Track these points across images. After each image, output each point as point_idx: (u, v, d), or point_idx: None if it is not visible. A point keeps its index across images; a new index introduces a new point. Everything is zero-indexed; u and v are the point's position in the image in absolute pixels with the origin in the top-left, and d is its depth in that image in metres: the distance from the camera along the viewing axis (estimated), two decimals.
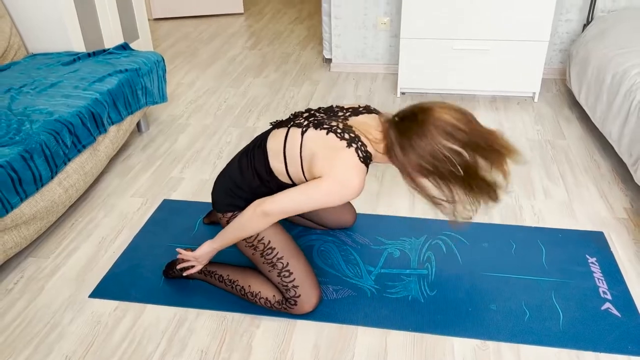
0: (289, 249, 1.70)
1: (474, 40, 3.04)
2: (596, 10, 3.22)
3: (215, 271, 1.81)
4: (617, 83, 2.40)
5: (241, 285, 1.75)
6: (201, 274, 1.84)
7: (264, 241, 1.68)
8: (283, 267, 1.67)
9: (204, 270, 1.83)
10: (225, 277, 1.79)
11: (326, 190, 1.48)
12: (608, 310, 1.72)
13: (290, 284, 1.67)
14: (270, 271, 1.69)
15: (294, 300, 1.67)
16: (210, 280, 1.83)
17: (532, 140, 2.76)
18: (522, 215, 2.19)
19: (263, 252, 1.69)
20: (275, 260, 1.68)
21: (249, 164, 1.67)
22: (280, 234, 1.70)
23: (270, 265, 1.69)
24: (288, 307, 1.68)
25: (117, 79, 2.47)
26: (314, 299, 1.69)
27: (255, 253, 1.71)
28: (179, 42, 4.37)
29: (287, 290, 1.67)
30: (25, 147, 1.88)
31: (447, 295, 1.79)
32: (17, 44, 2.78)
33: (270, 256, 1.68)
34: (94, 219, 2.23)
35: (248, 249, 1.72)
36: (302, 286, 1.67)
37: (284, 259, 1.68)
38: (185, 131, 2.93)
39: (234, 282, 1.77)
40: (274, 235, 1.69)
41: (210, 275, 1.82)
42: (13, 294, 1.85)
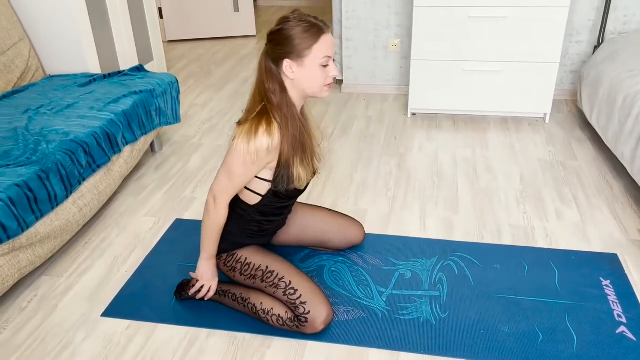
0: (287, 268, 1.74)
1: (484, 62, 3.06)
2: (607, 32, 3.23)
3: (228, 290, 1.83)
4: (629, 105, 2.40)
5: (253, 303, 1.75)
6: (215, 294, 1.85)
7: (262, 268, 1.74)
8: (287, 286, 1.69)
9: (217, 290, 1.84)
10: (238, 295, 1.79)
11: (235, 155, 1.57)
12: (623, 333, 1.70)
13: (298, 300, 1.67)
14: (276, 292, 1.71)
15: (305, 317, 1.67)
16: (223, 300, 1.84)
17: (543, 161, 2.75)
18: (534, 236, 2.18)
19: (263, 278, 1.73)
20: (277, 281, 1.71)
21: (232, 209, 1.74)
22: (276, 259, 1.77)
23: (274, 287, 1.71)
24: (300, 325, 1.68)
25: (131, 100, 2.51)
26: (323, 314, 1.68)
27: (256, 281, 1.75)
28: (193, 64, 4.44)
29: (296, 308, 1.67)
30: (41, 167, 1.91)
31: (459, 317, 1.78)
32: (35, 65, 2.84)
33: (271, 279, 1.72)
34: (107, 237, 2.25)
35: (249, 280, 1.77)
36: (310, 302, 1.67)
37: (285, 278, 1.70)
38: (198, 151, 2.96)
39: (246, 300, 1.77)
40: (270, 260, 1.76)
41: (224, 294, 1.83)
42: (27, 312, 1.87)
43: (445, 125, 3.19)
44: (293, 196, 1.77)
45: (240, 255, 1.79)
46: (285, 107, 1.58)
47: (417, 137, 3.05)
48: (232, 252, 1.80)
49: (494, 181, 2.59)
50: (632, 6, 3.16)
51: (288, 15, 1.57)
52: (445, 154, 2.85)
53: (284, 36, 1.53)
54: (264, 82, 1.58)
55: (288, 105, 1.58)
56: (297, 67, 1.55)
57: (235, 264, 1.79)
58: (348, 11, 3.49)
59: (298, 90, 1.60)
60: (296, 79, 1.57)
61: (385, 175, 2.65)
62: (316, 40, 1.53)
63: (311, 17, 1.55)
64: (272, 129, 1.55)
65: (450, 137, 3.03)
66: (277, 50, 1.55)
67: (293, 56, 1.53)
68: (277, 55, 1.56)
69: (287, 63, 1.55)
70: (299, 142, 1.61)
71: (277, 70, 1.58)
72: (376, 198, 2.46)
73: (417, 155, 2.85)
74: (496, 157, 2.80)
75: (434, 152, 2.88)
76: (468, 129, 3.14)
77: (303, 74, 1.56)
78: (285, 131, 1.58)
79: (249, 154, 1.55)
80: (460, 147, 2.92)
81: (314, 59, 1.54)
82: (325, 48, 1.54)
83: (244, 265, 1.77)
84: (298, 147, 1.62)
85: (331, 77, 1.59)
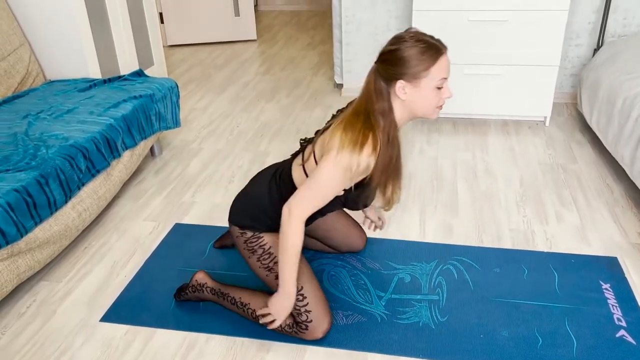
0: (304, 273, 1.70)
1: (484, 65, 3.06)
2: (606, 35, 3.23)
3: (228, 293, 1.81)
4: (628, 107, 2.40)
5: (253, 309, 1.74)
6: (214, 295, 1.84)
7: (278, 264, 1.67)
8: (297, 291, 1.66)
9: (217, 292, 1.83)
10: (237, 299, 1.78)
11: (326, 174, 1.50)
12: (623, 337, 1.69)
13: (303, 308, 1.66)
14: None
15: (305, 325, 1.66)
16: (222, 302, 1.83)
17: (543, 164, 2.75)
18: (534, 240, 2.17)
19: (278, 275, 1.68)
20: None
21: (280, 196, 1.67)
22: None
23: None
24: (299, 331, 1.68)
25: (131, 104, 2.51)
26: (325, 325, 1.68)
27: (270, 274, 1.71)
28: (193, 68, 4.45)
29: (299, 315, 1.67)
30: (40, 172, 1.91)
31: (459, 321, 1.78)
32: (36, 71, 2.85)
33: None
34: (107, 242, 2.25)
35: (262, 270, 1.72)
36: (314, 311, 1.66)
37: (298, 283, 1.67)
38: (197, 156, 2.96)
39: (245, 305, 1.76)
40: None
41: (223, 297, 1.82)
42: (26, 318, 1.87)
43: (445, 128, 3.19)
44: (354, 209, 1.76)
45: (266, 242, 1.72)
46: (392, 129, 1.52)
47: (417, 141, 3.04)
48: (259, 234, 1.72)
49: (493, 184, 2.58)
50: (632, 9, 3.16)
51: (403, 35, 1.50)
52: (445, 157, 2.85)
53: (400, 57, 1.46)
54: (373, 102, 1.51)
55: (392, 127, 1.52)
56: (411, 89, 1.49)
57: (257, 247, 1.72)
58: (348, 15, 3.50)
59: (408, 111, 1.54)
60: (408, 100, 1.51)
61: None
62: (434, 62, 1.46)
63: (427, 37, 1.49)
64: (376, 150, 1.49)
65: (450, 141, 3.03)
66: (390, 70, 1.49)
67: (408, 77, 1.47)
68: (390, 75, 1.49)
69: (401, 84, 1.49)
70: (392, 166, 1.55)
71: (387, 90, 1.51)
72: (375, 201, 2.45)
73: (417, 159, 2.84)
74: (496, 160, 2.80)
75: (434, 155, 2.88)
76: (468, 132, 3.13)
77: (416, 96, 1.50)
78: (383, 153, 1.51)
79: (349, 169, 1.47)
80: (460, 150, 2.92)
81: (430, 81, 1.48)
82: (442, 70, 1.47)
83: (265, 253, 1.72)
84: (391, 171, 1.56)
85: (444, 99, 1.53)
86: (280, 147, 3.02)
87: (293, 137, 3.14)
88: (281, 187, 1.70)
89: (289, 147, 3.01)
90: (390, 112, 1.52)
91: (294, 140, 3.09)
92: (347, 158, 1.47)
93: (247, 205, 1.75)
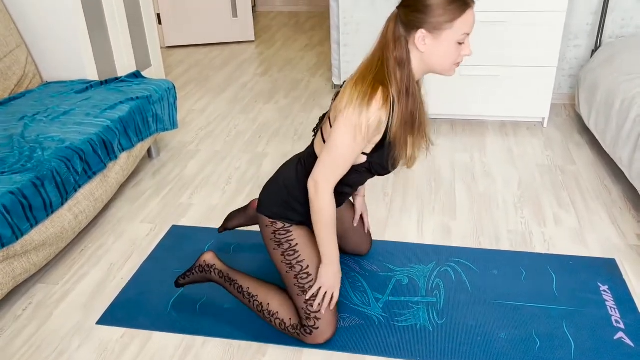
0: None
1: (482, 67, 3.05)
2: (604, 36, 3.23)
3: (237, 280, 1.75)
4: (626, 109, 2.39)
5: (260, 302, 1.70)
6: (221, 278, 1.78)
7: (303, 264, 1.66)
8: (313, 295, 1.65)
9: (225, 276, 1.77)
10: (245, 289, 1.73)
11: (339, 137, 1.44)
12: (621, 339, 1.69)
13: (314, 314, 1.65)
14: (299, 295, 1.66)
15: (311, 330, 1.65)
16: (229, 287, 1.78)
17: (542, 165, 2.75)
18: (532, 241, 2.17)
19: (298, 276, 1.66)
20: (308, 287, 1.65)
21: (305, 172, 1.64)
22: (319, 261, 1.67)
23: (300, 289, 1.65)
24: (302, 333, 1.66)
25: (128, 106, 2.51)
26: (329, 334, 1.67)
27: (289, 272, 1.67)
28: (191, 70, 4.44)
29: (308, 319, 1.65)
30: (36, 174, 1.91)
31: (456, 323, 1.77)
32: (32, 72, 2.84)
33: (303, 281, 1.66)
34: (104, 244, 2.25)
35: (284, 266, 1.68)
36: (323, 319, 1.65)
37: (315, 288, 1.65)
38: (195, 157, 2.96)
39: (252, 296, 1.72)
40: (315, 261, 1.67)
41: (230, 282, 1.76)
42: (22, 320, 1.86)
43: (443, 129, 3.19)
44: (384, 174, 1.62)
45: (294, 237, 1.67)
46: (407, 80, 1.43)
47: None
48: (289, 227, 1.67)
49: (492, 186, 2.58)
50: (630, 10, 3.15)
51: None
52: (443, 159, 2.84)
53: (425, 4, 1.37)
54: (390, 50, 1.42)
55: (410, 78, 1.44)
56: (432, 40, 1.40)
57: (284, 241, 1.67)
58: (346, 17, 3.49)
59: (425, 65, 1.46)
60: (427, 52, 1.42)
61: (382, 180, 2.64)
62: (460, 14, 1.37)
63: None
64: (388, 103, 1.42)
65: (449, 142, 3.03)
66: (412, 17, 1.39)
67: (430, 27, 1.38)
68: (411, 22, 1.40)
69: (422, 34, 1.40)
70: (412, 120, 1.47)
71: (406, 39, 1.42)
72: (373, 203, 2.45)
73: None
74: (494, 162, 2.80)
75: (432, 156, 2.87)
76: (466, 133, 3.13)
77: (436, 49, 1.41)
78: (400, 106, 1.43)
79: (359, 127, 1.40)
80: (458, 151, 2.92)
81: (452, 34, 1.39)
82: (467, 24, 1.39)
83: (290, 250, 1.67)
84: (410, 125, 1.48)
85: (463, 56, 1.45)
86: (278, 149, 3.01)
87: (291, 139, 3.13)
88: (307, 167, 1.64)
89: (287, 149, 3.00)
90: (408, 62, 1.43)
91: (292, 142, 3.09)
92: (356, 115, 1.41)
93: (276, 192, 1.69)
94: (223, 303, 1.88)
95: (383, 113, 1.42)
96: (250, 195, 2.56)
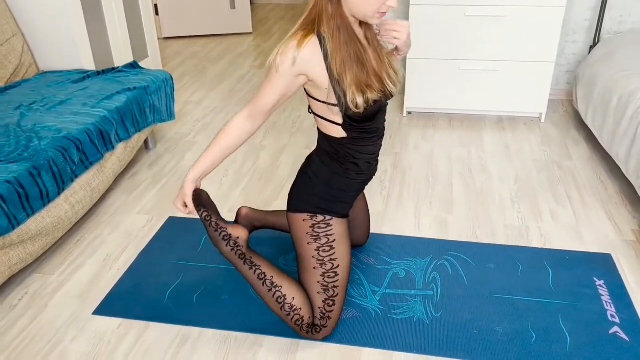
0: (345, 277, 1.67)
1: (480, 61, 3.05)
2: (602, 32, 3.23)
3: (260, 266, 1.66)
4: (623, 105, 2.40)
5: (283, 294, 1.64)
6: (240, 259, 1.66)
7: (335, 262, 1.64)
8: (333, 295, 1.64)
9: (246, 257, 1.66)
10: (269, 277, 1.65)
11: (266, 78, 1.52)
12: (616, 334, 1.70)
13: (328, 313, 1.65)
14: (320, 293, 1.64)
15: (320, 328, 1.65)
16: (246, 271, 1.66)
17: (538, 161, 2.75)
18: (528, 236, 2.17)
19: (326, 273, 1.64)
20: (331, 285, 1.64)
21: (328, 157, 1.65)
22: (348, 261, 1.67)
23: (323, 288, 1.64)
24: (312, 332, 1.66)
25: (125, 96, 2.49)
26: (330, 331, 1.68)
27: (319, 269, 1.64)
28: (188, 61, 4.42)
29: (322, 318, 1.64)
30: (33, 164, 1.89)
31: (453, 316, 1.77)
32: (29, 61, 2.82)
33: (330, 280, 1.64)
34: (100, 235, 2.24)
35: (313, 261, 1.64)
36: (333, 319, 1.66)
37: (338, 288, 1.65)
38: (192, 149, 2.95)
39: (276, 287, 1.64)
40: (345, 260, 1.66)
41: (251, 265, 1.65)
42: (17, 310, 1.85)
43: (441, 124, 3.19)
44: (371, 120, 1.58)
45: (334, 232, 1.63)
46: (339, 19, 1.43)
47: (413, 136, 3.04)
48: (329, 220, 1.63)
49: (488, 181, 2.58)
50: (628, 6, 3.16)
51: None
52: (441, 154, 2.84)
53: None
54: None
55: (342, 17, 1.44)
56: None
57: (323, 236, 1.63)
58: None
59: (349, 9, 1.45)
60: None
61: (380, 174, 2.64)
62: None
63: None
64: (305, 41, 1.43)
65: (446, 137, 3.03)
66: None
67: None
68: None
69: None
70: (358, 60, 1.47)
71: None
72: (371, 196, 2.45)
73: (412, 154, 2.84)
74: (491, 157, 2.80)
75: (430, 151, 2.87)
76: (464, 128, 3.13)
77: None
78: (335, 43, 1.44)
79: (274, 65, 1.46)
80: (455, 146, 2.92)
81: None
82: None
83: (327, 245, 1.63)
84: (356, 65, 1.47)
85: (387, 6, 1.43)
86: (275, 141, 3.01)
87: (288, 131, 3.12)
88: (325, 148, 1.64)
89: (284, 141, 2.99)
90: (338, 3, 1.43)
91: (289, 134, 3.08)
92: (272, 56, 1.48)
93: (311, 186, 1.66)
94: (220, 294, 1.88)
95: (296, 49, 1.44)
96: (248, 188, 2.55)
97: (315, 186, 1.66)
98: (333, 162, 1.64)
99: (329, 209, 1.65)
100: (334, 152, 1.63)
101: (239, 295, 1.88)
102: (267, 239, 2.15)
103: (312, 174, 1.67)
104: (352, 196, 1.71)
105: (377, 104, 1.54)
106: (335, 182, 1.65)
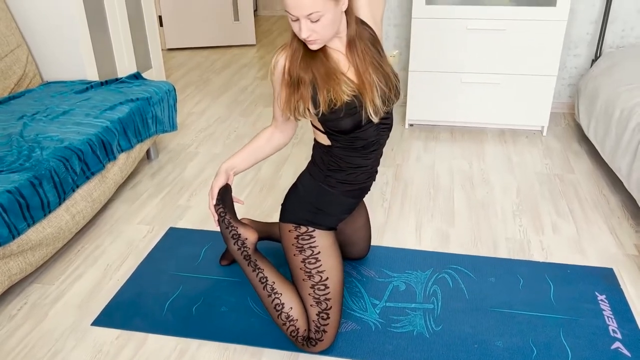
0: (339, 290, 1.67)
1: (482, 74, 3.06)
2: (604, 46, 3.24)
3: (263, 270, 1.69)
4: (625, 118, 2.40)
5: (282, 302, 1.65)
6: (245, 260, 1.70)
7: (322, 274, 1.65)
8: (326, 308, 1.64)
9: (250, 259, 1.70)
10: (270, 282, 1.67)
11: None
12: (618, 349, 1.68)
13: (323, 327, 1.64)
14: (312, 306, 1.65)
15: (315, 342, 1.64)
16: (250, 272, 1.70)
17: (540, 174, 2.75)
18: (530, 250, 2.17)
19: (315, 286, 1.65)
20: (323, 298, 1.64)
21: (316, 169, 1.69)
22: (338, 273, 1.67)
23: (315, 300, 1.64)
24: (307, 344, 1.65)
25: (128, 107, 2.50)
26: (327, 346, 1.67)
27: (307, 282, 1.65)
28: (191, 72, 4.44)
29: (317, 331, 1.64)
30: (34, 173, 1.90)
31: (453, 330, 1.76)
32: (33, 72, 2.84)
33: (320, 292, 1.64)
34: (100, 245, 2.24)
35: (301, 273, 1.65)
36: (329, 332, 1.65)
37: (330, 301, 1.65)
38: (194, 160, 2.95)
39: (275, 293, 1.66)
40: (334, 272, 1.66)
41: (254, 268, 1.69)
42: (16, 320, 1.85)
43: (442, 136, 3.19)
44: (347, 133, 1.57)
45: (317, 244, 1.65)
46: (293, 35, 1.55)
47: (414, 148, 3.04)
48: (312, 232, 1.66)
49: (490, 193, 2.58)
50: (630, 20, 3.16)
51: None
52: (442, 166, 2.84)
53: None
54: None
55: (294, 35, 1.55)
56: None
57: (307, 247, 1.65)
58: None
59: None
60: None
61: (381, 186, 2.64)
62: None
63: None
64: (281, 51, 1.57)
65: (448, 149, 3.03)
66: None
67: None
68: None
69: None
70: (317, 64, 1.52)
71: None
72: (372, 208, 2.45)
73: (414, 166, 2.84)
74: (493, 170, 2.80)
75: (431, 163, 2.87)
76: (465, 140, 3.13)
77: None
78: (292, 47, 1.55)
79: (269, 74, 1.62)
80: (457, 158, 2.92)
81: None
82: (287, 5, 1.45)
83: (312, 257, 1.65)
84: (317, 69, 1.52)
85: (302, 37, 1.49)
86: (277, 153, 3.01)
87: (290, 142, 3.13)
88: (314, 155, 1.70)
89: (286, 152, 3.00)
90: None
91: (291, 145, 3.09)
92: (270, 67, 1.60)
93: (298, 197, 1.69)
94: (219, 306, 1.88)
95: (276, 56, 1.57)
96: (248, 199, 2.55)
97: (302, 198, 1.69)
98: (320, 172, 1.67)
99: (314, 220, 1.67)
100: (320, 161, 1.67)
101: (238, 307, 1.87)
102: (271, 249, 2.14)
103: (301, 185, 1.72)
104: (341, 210, 1.72)
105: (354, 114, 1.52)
106: (320, 194, 1.68)
